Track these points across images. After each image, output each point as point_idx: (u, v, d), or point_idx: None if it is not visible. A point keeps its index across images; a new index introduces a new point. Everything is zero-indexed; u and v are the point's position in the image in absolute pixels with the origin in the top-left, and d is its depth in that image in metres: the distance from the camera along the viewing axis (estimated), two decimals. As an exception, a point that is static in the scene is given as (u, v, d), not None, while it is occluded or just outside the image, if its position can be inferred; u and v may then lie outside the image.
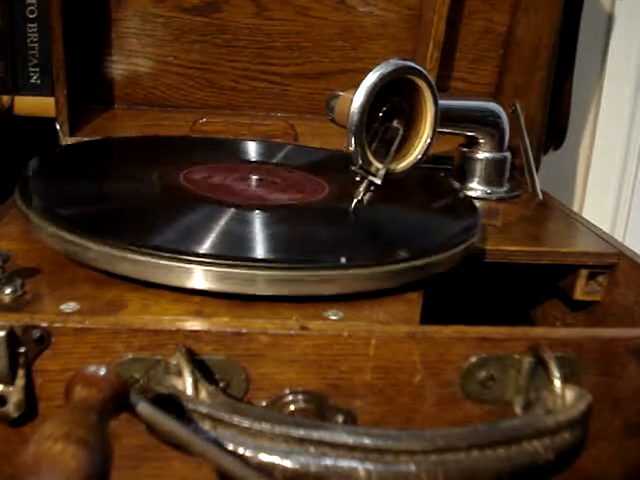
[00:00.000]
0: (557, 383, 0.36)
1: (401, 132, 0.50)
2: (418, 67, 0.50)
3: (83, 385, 0.27)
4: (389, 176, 0.50)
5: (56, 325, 0.34)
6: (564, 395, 0.36)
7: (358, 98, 0.48)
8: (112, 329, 0.35)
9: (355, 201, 0.50)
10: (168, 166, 0.56)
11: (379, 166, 0.50)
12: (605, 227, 0.74)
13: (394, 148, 0.50)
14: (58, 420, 0.24)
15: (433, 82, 0.51)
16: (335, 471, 0.31)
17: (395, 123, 0.51)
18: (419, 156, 0.52)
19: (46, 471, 0.22)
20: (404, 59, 0.50)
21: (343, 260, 0.41)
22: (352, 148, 0.49)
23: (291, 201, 0.51)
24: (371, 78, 0.49)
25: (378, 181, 0.50)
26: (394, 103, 0.51)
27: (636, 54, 0.91)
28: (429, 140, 0.52)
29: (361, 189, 0.50)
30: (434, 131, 0.52)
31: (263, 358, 0.36)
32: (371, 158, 0.50)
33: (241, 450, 0.32)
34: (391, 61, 0.49)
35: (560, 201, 0.67)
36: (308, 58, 0.75)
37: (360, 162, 0.50)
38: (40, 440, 0.23)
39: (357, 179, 0.51)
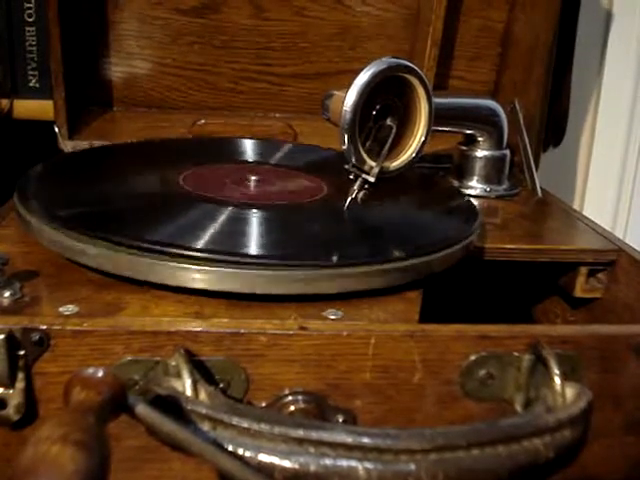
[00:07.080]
0: (557, 380, 0.36)
1: (394, 130, 0.50)
2: (411, 65, 0.50)
3: (81, 387, 0.27)
4: (383, 175, 0.50)
5: (55, 328, 0.34)
6: (564, 392, 0.36)
7: (350, 97, 0.48)
8: (111, 331, 0.35)
9: (349, 199, 0.50)
10: (166, 168, 0.56)
11: (373, 164, 0.50)
12: (606, 224, 0.74)
13: (387, 146, 0.50)
14: (55, 422, 0.24)
15: (427, 80, 0.51)
16: (335, 471, 0.31)
17: (389, 121, 0.50)
18: (413, 155, 0.52)
19: (43, 473, 0.22)
20: (397, 57, 0.50)
21: (341, 259, 0.41)
22: (345, 146, 0.49)
23: (289, 201, 0.51)
24: (363, 77, 0.48)
25: (372, 179, 0.49)
26: (388, 101, 0.50)
27: (635, 49, 0.91)
28: (423, 139, 0.52)
29: (355, 187, 0.50)
30: (428, 130, 0.51)
31: (262, 358, 0.36)
32: (365, 156, 0.50)
33: (241, 451, 0.32)
34: (384, 59, 0.49)
35: (560, 198, 0.67)
36: (306, 58, 0.75)
37: (353, 160, 0.49)
38: (37, 442, 0.23)
39: (351, 177, 0.50)
